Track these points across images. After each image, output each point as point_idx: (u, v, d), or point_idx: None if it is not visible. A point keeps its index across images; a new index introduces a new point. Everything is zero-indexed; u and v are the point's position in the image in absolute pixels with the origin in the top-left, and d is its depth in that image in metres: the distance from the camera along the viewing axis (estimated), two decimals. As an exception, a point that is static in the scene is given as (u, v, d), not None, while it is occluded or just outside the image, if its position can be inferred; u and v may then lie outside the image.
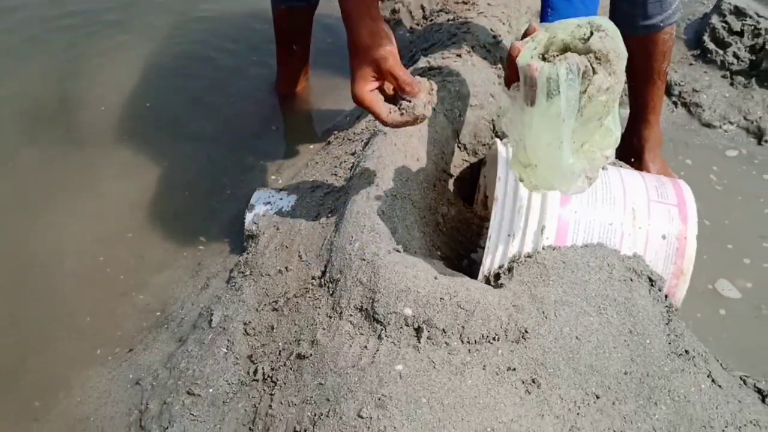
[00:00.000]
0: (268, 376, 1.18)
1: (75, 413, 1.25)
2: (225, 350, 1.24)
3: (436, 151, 1.43)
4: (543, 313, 1.13)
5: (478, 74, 1.56)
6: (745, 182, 1.69)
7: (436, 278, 1.15)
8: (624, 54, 0.94)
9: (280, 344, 1.21)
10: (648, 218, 1.25)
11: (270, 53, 1.95)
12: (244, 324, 1.27)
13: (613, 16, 1.50)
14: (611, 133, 0.99)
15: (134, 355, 1.34)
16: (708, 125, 1.80)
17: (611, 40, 0.95)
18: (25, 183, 1.72)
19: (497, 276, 1.23)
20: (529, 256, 1.21)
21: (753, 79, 1.83)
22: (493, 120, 1.50)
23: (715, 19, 1.90)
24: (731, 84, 1.85)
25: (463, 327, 1.10)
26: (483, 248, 1.25)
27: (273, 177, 1.70)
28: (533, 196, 1.23)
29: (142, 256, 1.55)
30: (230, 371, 1.21)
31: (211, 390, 1.20)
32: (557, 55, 0.95)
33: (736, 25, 1.86)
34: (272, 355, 1.20)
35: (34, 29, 2.19)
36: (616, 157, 1.64)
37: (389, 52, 1.12)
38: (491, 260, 1.24)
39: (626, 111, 1.67)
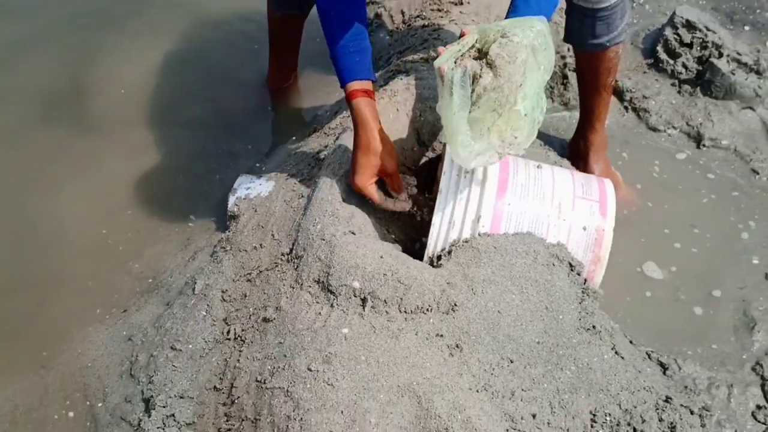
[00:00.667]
0: (238, 336, 1.39)
1: (76, 363, 1.48)
2: (204, 313, 1.46)
3: (396, 147, 1.62)
4: (472, 289, 1.33)
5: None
6: (687, 178, 1.87)
7: (381, 257, 1.35)
8: (516, 58, 1.15)
9: (250, 309, 1.42)
10: (572, 212, 1.44)
11: (263, 51, 2.15)
12: (222, 292, 1.48)
13: (567, 33, 1.68)
14: (520, 117, 1.20)
15: (128, 315, 1.56)
16: (654, 129, 1.98)
17: (511, 46, 1.16)
18: (38, 162, 1.94)
19: (439, 257, 1.43)
20: (466, 242, 1.41)
21: (698, 88, 2.00)
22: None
23: (668, 31, 2.07)
24: (678, 92, 2.02)
25: (401, 299, 1.30)
26: (430, 233, 1.46)
27: (258, 164, 1.91)
28: (473, 189, 1.43)
29: (139, 230, 1.76)
30: (207, 331, 1.42)
31: (190, 346, 1.41)
32: (463, 59, 1.18)
33: (687, 38, 2.03)
34: (243, 318, 1.41)
35: (49, 22, 2.40)
36: (567, 158, 1.85)
37: (394, 159, 1.45)
38: (434, 244, 1.44)
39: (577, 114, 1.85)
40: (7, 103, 2.10)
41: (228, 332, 1.41)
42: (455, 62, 1.21)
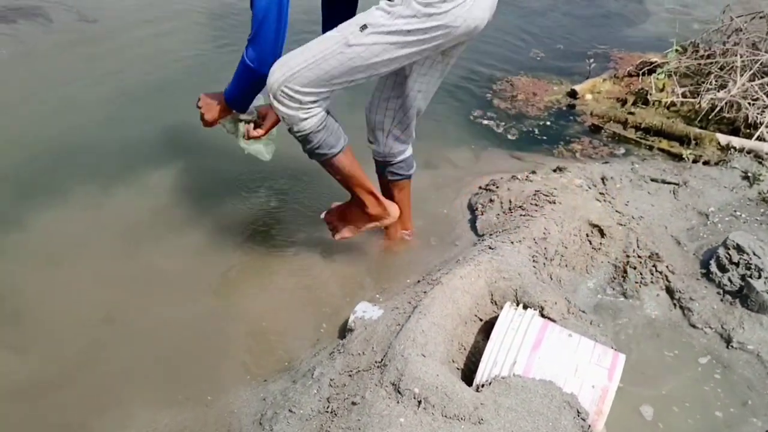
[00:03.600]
0: (333, 411, 2.02)
1: (227, 407, 2.17)
2: (315, 392, 2.11)
3: (472, 302, 2.24)
4: (497, 412, 1.88)
5: (516, 257, 2.37)
6: (708, 376, 2.29)
7: (437, 375, 1.94)
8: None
9: (345, 395, 2.05)
10: (585, 372, 1.96)
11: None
12: (330, 380, 2.13)
13: None
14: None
15: (266, 384, 2.25)
16: (693, 326, 2.42)
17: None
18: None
19: (482, 385, 1.99)
20: (503, 378, 1.97)
21: (737, 300, 2.42)
22: (516, 289, 2.29)
23: (721, 251, 2.54)
24: (721, 300, 2.45)
25: (444, 407, 1.88)
26: (480, 367, 2.03)
27: (377, 295, 2.59)
28: (515, 341, 2.00)
29: (282, 332, 2.48)
30: (314, 404, 2.07)
31: (302, 411, 2.06)
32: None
33: (735, 258, 2.48)
34: (339, 400, 2.04)
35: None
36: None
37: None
38: (481, 375, 2.01)
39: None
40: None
41: (328, 407, 2.04)
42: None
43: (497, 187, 3.04)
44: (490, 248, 2.45)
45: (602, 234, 2.68)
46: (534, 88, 4.21)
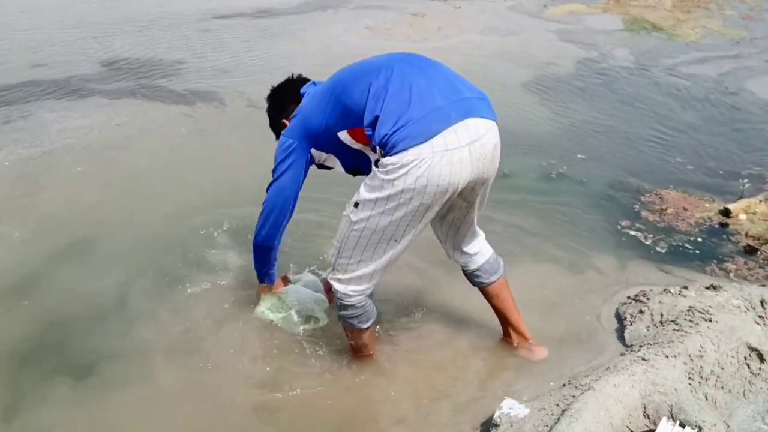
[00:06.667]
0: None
1: None
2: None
3: (624, 413, 2.21)
4: None
5: (671, 372, 2.32)
6: None
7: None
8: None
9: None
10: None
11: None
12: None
13: None
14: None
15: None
16: None
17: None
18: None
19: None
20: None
21: None
22: (672, 405, 2.23)
23: None
24: None
25: None
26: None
27: (525, 397, 2.59)
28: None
29: (423, 417, 2.53)
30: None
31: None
32: None
33: None
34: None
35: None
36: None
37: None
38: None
39: None
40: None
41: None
42: None
43: (648, 299, 3.00)
44: (643, 359, 2.41)
45: (761, 359, 2.57)
46: (684, 203, 4.15)
